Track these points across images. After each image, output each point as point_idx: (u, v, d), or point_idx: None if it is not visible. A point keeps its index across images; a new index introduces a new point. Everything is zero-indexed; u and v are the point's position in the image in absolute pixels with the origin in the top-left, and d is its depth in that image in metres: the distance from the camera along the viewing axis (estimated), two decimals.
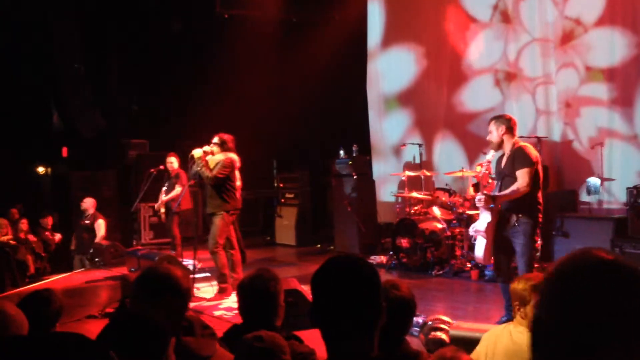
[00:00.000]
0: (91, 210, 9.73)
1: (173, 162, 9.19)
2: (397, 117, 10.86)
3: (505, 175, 5.07)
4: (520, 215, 5.00)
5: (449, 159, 9.85)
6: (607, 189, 7.75)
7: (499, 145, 5.18)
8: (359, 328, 1.63)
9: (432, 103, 10.22)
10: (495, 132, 5.17)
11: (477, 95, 9.58)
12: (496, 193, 5.12)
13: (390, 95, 10.98)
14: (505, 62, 9.21)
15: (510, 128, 5.13)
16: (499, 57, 9.27)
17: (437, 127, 10.13)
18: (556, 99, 8.52)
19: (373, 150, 11.08)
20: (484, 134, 9.53)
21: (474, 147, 9.26)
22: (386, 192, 10.33)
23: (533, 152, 5.07)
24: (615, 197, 7.72)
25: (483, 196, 4.92)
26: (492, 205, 4.96)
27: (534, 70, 8.84)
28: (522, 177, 4.91)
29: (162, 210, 9.27)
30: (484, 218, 5.09)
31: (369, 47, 11.29)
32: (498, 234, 5.09)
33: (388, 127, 10.99)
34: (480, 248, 5.14)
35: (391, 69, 10.97)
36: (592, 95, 8.13)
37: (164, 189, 9.26)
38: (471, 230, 5.37)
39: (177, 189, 8.98)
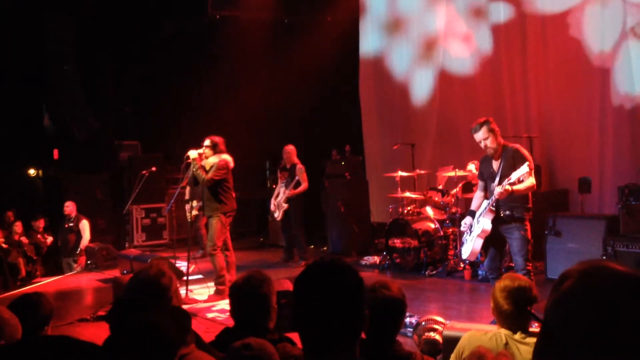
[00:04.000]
0: (74, 213, 9.81)
1: None
2: None
3: (503, 176, 5.14)
4: (514, 213, 5.20)
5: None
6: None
7: (497, 150, 5.25)
8: (340, 335, 1.57)
9: None
10: (491, 138, 5.23)
11: None
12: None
13: None
14: None
15: (498, 131, 5.29)
16: None
17: None
18: None
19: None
20: None
21: None
22: (379, 192, 10.30)
23: (528, 154, 5.28)
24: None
25: (504, 190, 4.98)
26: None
27: None
28: (530, 176, 5.08)
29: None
30: (488, 220, 5.24)
31: None
32: (492, 231, 5.26)
33: None
34: (478, 246, 5.32)
35: None
36: None
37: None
38: (465, 226, 5.49)
39: None
